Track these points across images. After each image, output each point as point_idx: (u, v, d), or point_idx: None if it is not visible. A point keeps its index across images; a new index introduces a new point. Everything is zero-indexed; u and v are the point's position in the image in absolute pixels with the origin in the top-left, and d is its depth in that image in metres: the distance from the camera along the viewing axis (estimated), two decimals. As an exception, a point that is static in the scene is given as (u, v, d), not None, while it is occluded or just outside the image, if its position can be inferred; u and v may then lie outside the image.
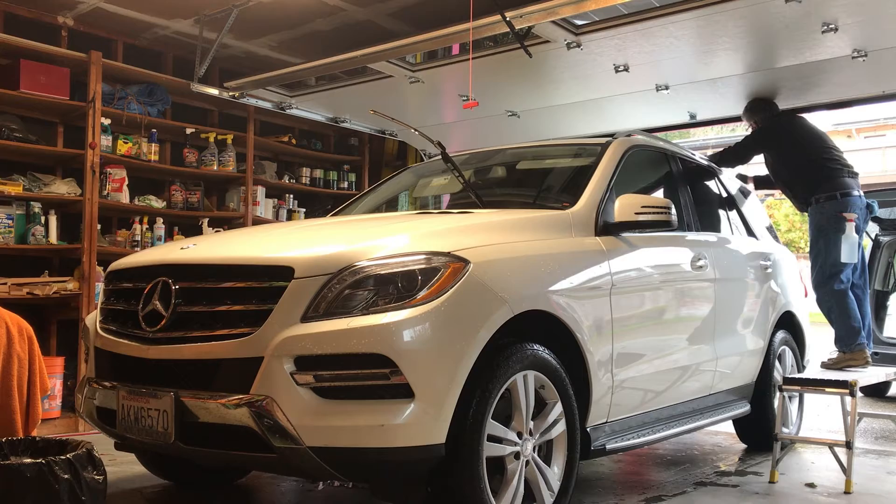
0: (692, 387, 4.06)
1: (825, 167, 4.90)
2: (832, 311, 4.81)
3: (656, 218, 3.50)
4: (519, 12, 4.18)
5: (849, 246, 4.71)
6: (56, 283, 5.60)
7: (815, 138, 5.05)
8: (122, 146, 6.08)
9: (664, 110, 5.82)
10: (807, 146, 5.00)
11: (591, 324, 3.21)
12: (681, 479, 4.10)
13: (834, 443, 4.16)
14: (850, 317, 4.74)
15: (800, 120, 5.25)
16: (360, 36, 5.64)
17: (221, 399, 2.61)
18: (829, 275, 4.76)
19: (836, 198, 4.80)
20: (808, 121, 5.26)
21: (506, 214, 3.44)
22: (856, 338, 4.73)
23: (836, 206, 4.78)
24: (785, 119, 5.27)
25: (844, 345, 4.77)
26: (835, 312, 4.79)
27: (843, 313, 4.76)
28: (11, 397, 3.63)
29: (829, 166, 4.90)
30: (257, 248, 3.00)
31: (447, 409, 2.58)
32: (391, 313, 2.57)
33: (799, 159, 5.01)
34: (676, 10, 4.22)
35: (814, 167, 4.92)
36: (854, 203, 4.81)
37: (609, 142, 4.01)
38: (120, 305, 3.10)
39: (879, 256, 8.08)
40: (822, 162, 4.92)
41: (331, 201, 7.55)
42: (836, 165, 4.92)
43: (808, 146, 5.00)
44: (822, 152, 4.97)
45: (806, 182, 4.96)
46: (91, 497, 2.62)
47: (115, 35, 6.32)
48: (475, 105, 4.93)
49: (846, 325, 4.75)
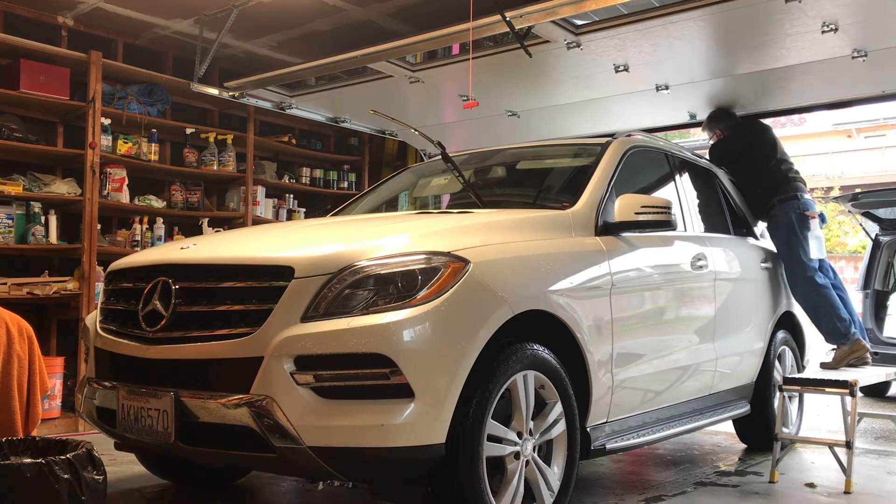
0: (692, 387, 4.06)
1: (781, 173, 5.10)
2: (819, 306, 4.86)
3: (656, 218, 3.51)
4: (519, 12, 4.18)
5: (816, 241, 4.87)
6: (56, 283, 5.60)
7: (771, 145, 5.23)
8: (122, 146, 6.08)
9: (664, 110, 5.81)
10: (765, 152, 5.17)
11: (590, 324, 3.21)
12: (681, 479, 4.10)
13: (834, 443, 4.16)
14: (837, 308, 4.82)
15: (759, 126, 5.40)
16: (360, 36, 5.64)
17: (221, 399, 2.61)
18: (806, 271, 4.84)
19: (797, 198, 4.99)
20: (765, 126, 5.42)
21: (506, 214, 3.44)
22: (848, 328, 4.78)
23: (799, 205, 4.95)
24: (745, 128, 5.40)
25: (840, 337, 4.80)
26: (822, 307, 4.85)
27: (829, 306, 4.82)
28: (11, 397, 3.63)
29: (785, 172, 5.10)
30: (257, 248, 3.00)
31: (447, 408, 2.58)
32: (391, 313, 2.57)
33: (757, 166, 5.16)
34: (676, 10, 4.21)
35: (771, 173, 5.10)
36: (810, 202, 5.02)
37: (609, 142, 4.01)
38: (120, 305, 3.10)
39: (879, 256, 8.06)
40: (778, 168, 5.12)
41: (331, 201, 7.55)
42: (791, 172, 5.12)
43: (766, 152, 5.17)
44: (775, 160, 5.15)
45: (765, 188, 5.09)
46: (91, 497, 2.62)
47: (115, 35, 6.32)
48: (475, 105, 4.93)
49: (836, 315, 4.80)
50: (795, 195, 4.99)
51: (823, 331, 4.93)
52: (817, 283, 4.83)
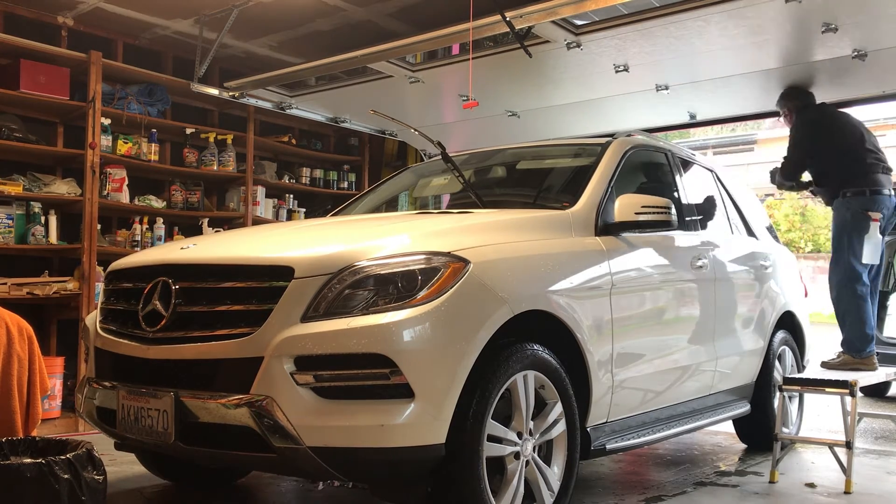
0: (692, 387, 4.06)
1: (858, 160, 4.68)
2: (848, 314, 4.64)
3: (656, 218, 3.50)
4: (519, 12, 4.18)
5: (872, 246, 4.52)
6: (56, 283, 5.60)
7: (850, 129, 4.82)
8: (122, 146, 6.08)
9: (664, 110, 5.82)
10: (840, 137, 4.79)
11: (590, 324, 3.21)
12: (681, 479, 4.10)
13: (834, 443, 4.16)
14: (865, 323, 4.60)
15: (835, 110, 5.02)
16: (360, 36, 5.64)
17: (221, 399, 2.61)
18: (851, 276, 4.59)
19: (865, 194, 4.59)
20: (845, 112, 5.04)
21: (506, 214, 3.44)
22: (867, 345, 4.61)
23: (864, 202, 4.59)
24: (819, 109, 5.05)
25: (855, 350, 4.63)
26: (851, 316, 4.62)
27: (859, 318, 4.60)
28: (11, 397, 3.63)
29: (863, 160, 4.68)
30: (257, 248, 3.00)
31: (447, 409, 2.58)
32: (391, 313, 2.57)
33: (831, 150, 4.80)
34: (676, 10, 4.22)
35: (846, 160, 4.71)
36: (882, 202, 4.60)
37: (609, 142, 4.01)
38: (120, 305, 3.10)
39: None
40: (855, 155, 4.70)
41: (331, 201, 7.55)
42: (871, 160, 4.68)
43: (841, 137, 4.79)
44: (856, 144, 4.73)
45: (836, 174, 4.77)
46: (91, 497, 2.62)
47: (115, 35, 6.32)
48: (475, 105, 4.93)
49: (860, 331, 4.61)
50: (864, 190, 4.57)
51: (844, 335, 4.73)
52: (855, 292, 4.58)
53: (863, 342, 4.63)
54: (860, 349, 4.63)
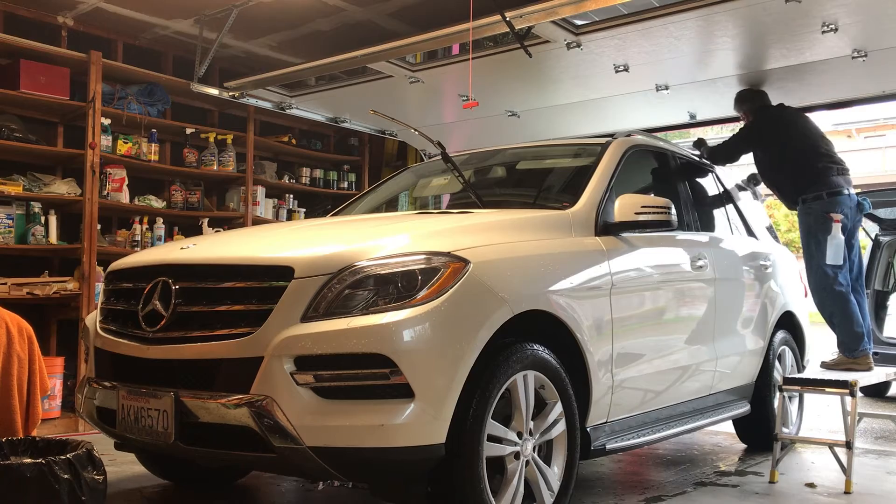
0: (692, 387, 4.06)
1: (813, 165, 4.68)
2: (834, 315, 4.63)
3: (656, 218, 3.51)
4: (519, 12, 4.18)
5: (834, 247, 4.52)
6: (56, 283, 5.60)
7: (803, 133, 4.83)
8: (122, 146, 6.08)
9: (664, 110, 5.82)
10: (795, 141, 4.78)
11: (590, 324, 3.21)
12: (681, 479, 4.10)
13: (834, 443, 4.16)
14: (852, 321, 4.58)
15: (789, 113, 5.01)
16: (360, 36, 5.64)
17: (221, 399, 2.61)
18: (825, 278, 4.59)
19: (823, 197, 4.61)
20: (799, 113, 5.04)
21: (506, 214, 3.44)
22: (859, 343, 4.59)
23: (823, 205, 4.60)
24: (774, 112, 5.02)
25: (848, 350, 4.62)
26: (837, 317, 4.61)
27: (845, 317, 4.58)
28: (11, 397, 3.63)
29: (818, 164, 4.68)
30: (257, 248, 3.00)
31: (447, 408, 2.58)
32: (391, 313, 2.57)
33: (786, 156, 4.81)
34: (676, 10, 4.21)
35: (801, 164, 4.71)
36: (842, 202, 4.62)
37: (609, 142, 4.02)
38: (120, 305, 3.10)
39: (879, 256, 8.07)
40: (809, 159, 4.71)
41: (331, 201, 7.55)
42: (826, 163, 4.69)
43: (796, 141, 4.78)
44: (810, 148, 4.74)
45: (794, 180, 4.77)
46: (91, 497, 2.63)
47: (115, 35, 6.32)
48: (475, 105, 4.92)
49: (849, 329, 4.60)
50: (821, 195, 4.61)
51: (837, 337, 4.72)
52: (834, 292, 4.56)
53: (854, 341, 4.61)
54: (853, 348, 4.62)
